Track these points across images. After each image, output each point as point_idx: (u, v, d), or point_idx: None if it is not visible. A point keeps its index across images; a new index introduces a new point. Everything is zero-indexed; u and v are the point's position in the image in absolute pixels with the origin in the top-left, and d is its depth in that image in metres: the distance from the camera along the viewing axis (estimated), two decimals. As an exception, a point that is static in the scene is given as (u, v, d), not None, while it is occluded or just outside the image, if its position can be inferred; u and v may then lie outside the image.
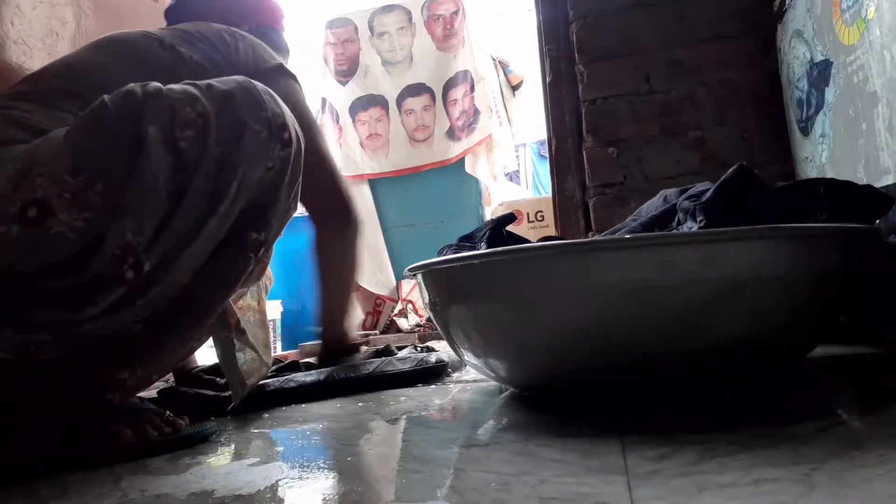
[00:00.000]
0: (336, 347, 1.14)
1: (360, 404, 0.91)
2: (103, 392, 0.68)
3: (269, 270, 1.05)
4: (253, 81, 0.72)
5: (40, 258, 0.60)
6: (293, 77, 1.05)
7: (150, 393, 1.11)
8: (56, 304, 0.62)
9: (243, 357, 0.87)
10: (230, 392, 0.90)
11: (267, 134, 0.70)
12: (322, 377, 1.01)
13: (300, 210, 0.89)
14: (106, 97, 0.65)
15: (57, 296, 0.62)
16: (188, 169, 0.65)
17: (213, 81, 0.70)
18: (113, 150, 0.63)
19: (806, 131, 1.21)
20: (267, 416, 0.89)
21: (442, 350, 1.20)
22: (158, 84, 0.67)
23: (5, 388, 0.64)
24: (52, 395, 0.66)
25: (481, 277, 0.73)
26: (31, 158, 0.62)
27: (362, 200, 2.91)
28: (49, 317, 0.62)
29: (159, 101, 0.65)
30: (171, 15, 1.15)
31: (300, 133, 0.76)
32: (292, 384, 0.99)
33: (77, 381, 0.66)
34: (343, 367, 1.06)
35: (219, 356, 0.87)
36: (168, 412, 0.75)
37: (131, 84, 0.67)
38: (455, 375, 1.11)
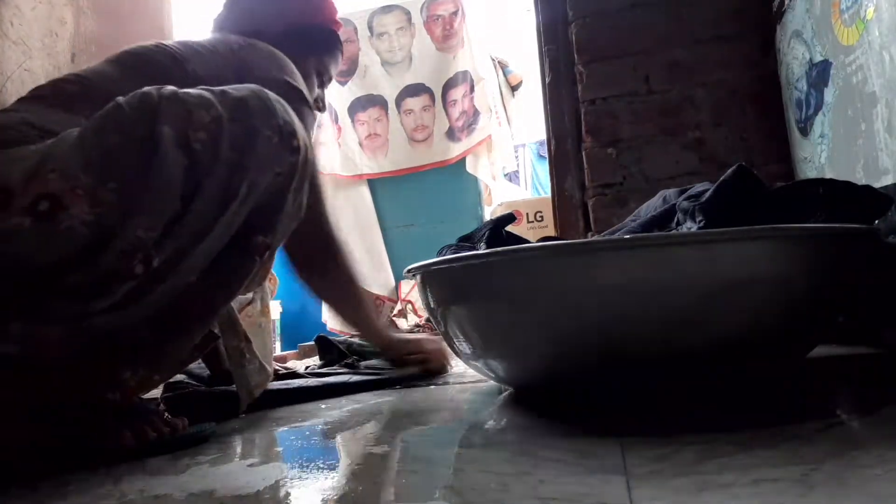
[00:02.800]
0: (387, 346, 1.19)
1: (359, 405, 0.91)
2: (104, 391, 0.68)
3: (274, 274, 1.06)
4: (265, 90, 0.74)
5: (51, 252, 0.61)
6: (305, 101, 1.00)
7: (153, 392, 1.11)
8: (66, 296, 0.63)
9: (251, 367, 0.89)
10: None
11: (278, 140, 0.71)
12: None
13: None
14: (120, 98, 0.67)
15: (67, 289, 0.63)
16: (200, 170, 0.66)
17: (227, 88, 0.72)
18: (126, 149, 0.64)
19: (805, 132, 1.21)
20: (266, 416, 0.89)
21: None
22: (174, 87, 0.69)
23: (7, 386, 0.64)
24: (54, 392, 0.66)
25: (480, 278, 0.73)
26: (45, 155, 0.64)
27: (361, 201, 2.91)
28: (59, 309, 0.63)
29: (175, 103, 0.67)
30: (216, 24, 1.16)
31: (308, 142, 0.78)
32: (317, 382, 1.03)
33: (79, 378, 0.67)
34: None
35: (230, 367, 0.88)
36: (167, 413, 0.75)
37: (147, 87, 0.68)
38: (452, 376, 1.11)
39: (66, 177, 0.62)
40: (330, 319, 2.78)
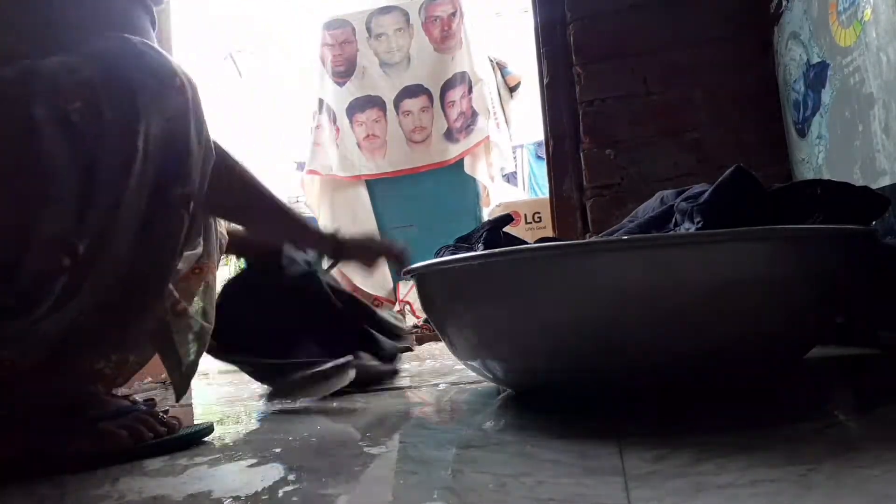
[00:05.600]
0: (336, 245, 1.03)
1: (357, 405, 0.91)
2: (84, 387, 0.67)
3: (222, 227, 0.97)
4: (127, 37, 0.68)
5: None
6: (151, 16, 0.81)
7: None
8: (7, 314, 0.60)
9: (182, 345, 0.84)
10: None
11: (157, 85, 0.67)
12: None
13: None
14: None
15: (4, 307, 0.59)
16: (88, 141, 0.62)
17: (88, 44, 0.66)
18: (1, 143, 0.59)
19: (802, 133, 1.22)
20: (264, 417, 0.89)
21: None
22: (27, 62, 0.62)
23: None
24: (28, 403, 0.65)
25: (479, 279, 0.74)
26: None
27: (359, 201, 2.91)
28: (10, 330, 0.60)
29: (39, 78, 0.61)
30: None
31: (191, 78, 0.73)
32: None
33: (50, 384, 0.65)
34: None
35: (154, 344, 0.82)
36: (162, 413, 0.75)
37: None
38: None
39: None
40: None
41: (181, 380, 0.82)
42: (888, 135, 0.85)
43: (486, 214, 2.88)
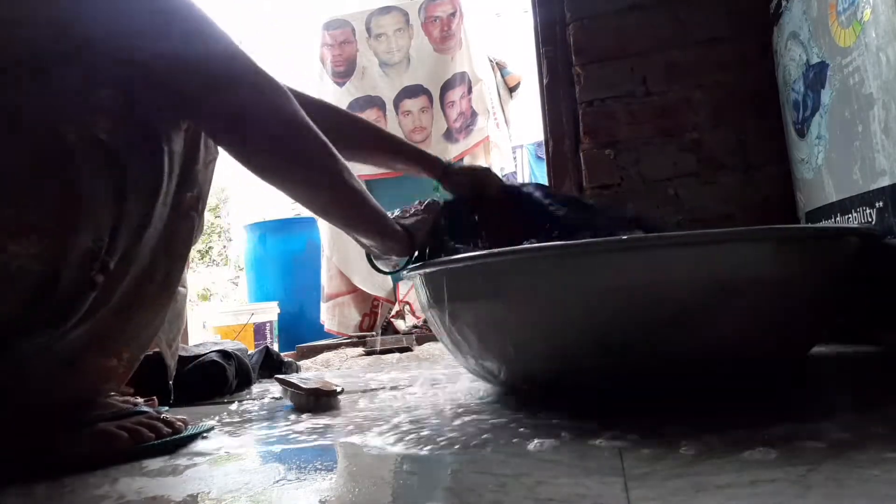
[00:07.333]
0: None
1: (356, 405, 0.91)
2: (98, 386, 0.68)
3: None
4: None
5: (13, 298, 0.58)
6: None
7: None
8: (39, 329, 0.60)
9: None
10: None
11: (180, 100, 0.66)
12: None
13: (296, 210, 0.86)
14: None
15: (35, 324, 0.60)
16: (119, 161, 0.61)
17: (103, 48, 0.62)
18: (38, 164, 0.58)
19: (802, 133, 1.22)
20: (262, 416, 0.89)
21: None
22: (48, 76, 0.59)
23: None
24: (50, 398, 0.65)
25: (479, 279, 0.74)
26: None
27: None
28: (30, 345, 0.60)
29: (69, 96, 0.59)
30: None
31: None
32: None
33: (72, 384, 0.66)
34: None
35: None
36: (164, 413, 0.75)
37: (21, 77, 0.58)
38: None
39: None
40: (328, 321, 2.78)
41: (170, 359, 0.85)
42: (888, 135, 0.85)
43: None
